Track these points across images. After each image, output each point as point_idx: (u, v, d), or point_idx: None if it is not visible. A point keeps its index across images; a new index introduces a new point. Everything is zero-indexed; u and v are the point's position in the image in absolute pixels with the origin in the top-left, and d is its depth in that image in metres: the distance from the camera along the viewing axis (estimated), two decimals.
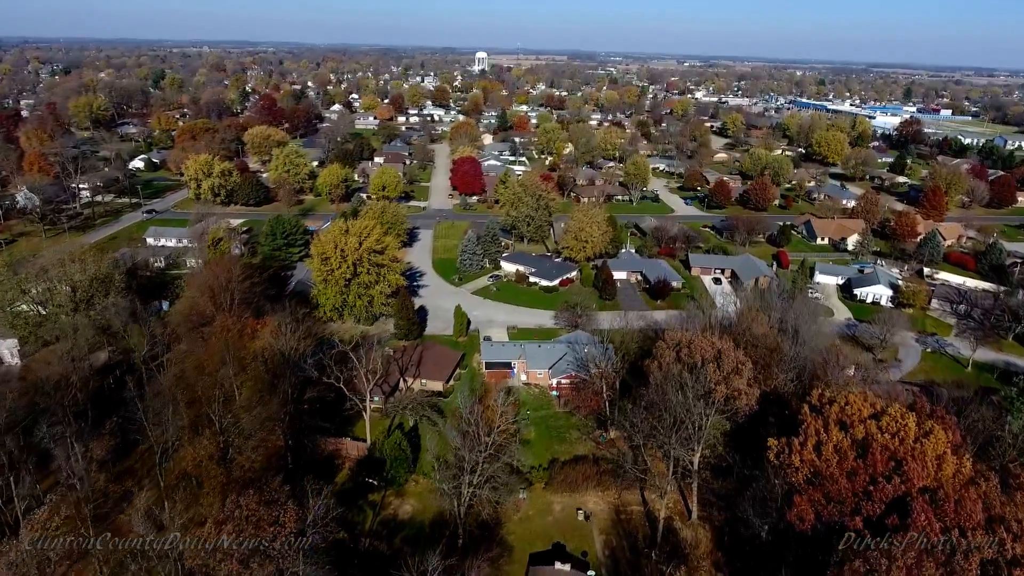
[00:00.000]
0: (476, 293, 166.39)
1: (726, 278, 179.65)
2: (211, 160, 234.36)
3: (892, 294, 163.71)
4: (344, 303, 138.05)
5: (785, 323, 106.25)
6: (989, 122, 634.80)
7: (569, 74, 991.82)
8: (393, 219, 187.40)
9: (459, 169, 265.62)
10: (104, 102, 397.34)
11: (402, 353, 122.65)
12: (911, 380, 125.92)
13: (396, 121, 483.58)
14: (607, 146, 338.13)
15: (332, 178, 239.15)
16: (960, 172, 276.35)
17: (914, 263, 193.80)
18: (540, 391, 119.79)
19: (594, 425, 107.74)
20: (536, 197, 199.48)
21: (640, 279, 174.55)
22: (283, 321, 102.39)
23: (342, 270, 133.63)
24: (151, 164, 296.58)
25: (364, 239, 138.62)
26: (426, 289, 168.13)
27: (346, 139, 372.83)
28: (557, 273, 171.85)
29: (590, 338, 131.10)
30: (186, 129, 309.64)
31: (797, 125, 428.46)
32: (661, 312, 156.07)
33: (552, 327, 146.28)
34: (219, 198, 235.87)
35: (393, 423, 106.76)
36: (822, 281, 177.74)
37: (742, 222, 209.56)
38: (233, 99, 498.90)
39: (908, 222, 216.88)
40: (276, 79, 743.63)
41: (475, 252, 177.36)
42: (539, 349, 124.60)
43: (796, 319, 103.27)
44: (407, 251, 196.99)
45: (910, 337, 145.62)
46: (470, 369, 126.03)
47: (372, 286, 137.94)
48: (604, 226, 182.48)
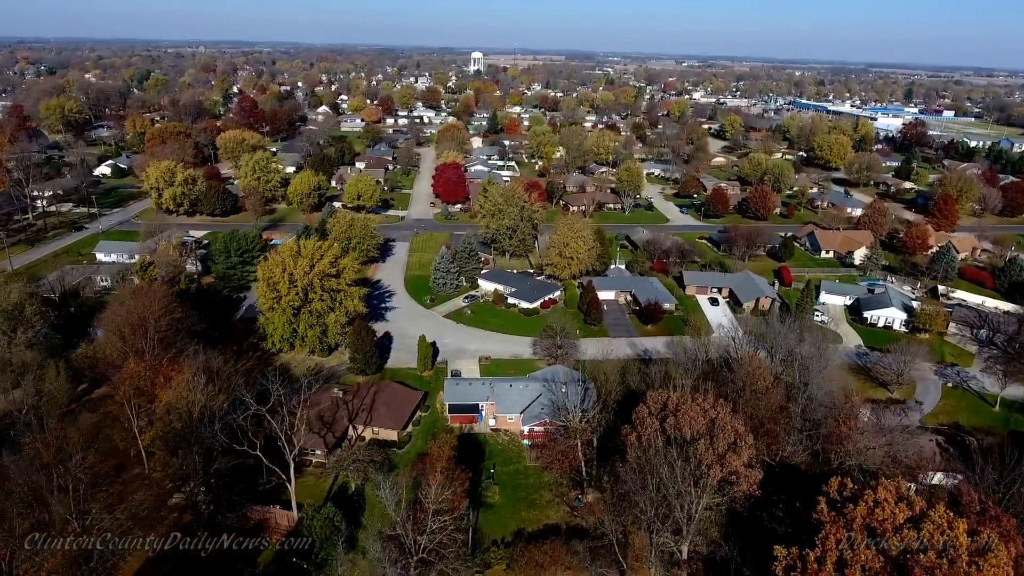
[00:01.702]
0: (449, 316, 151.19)
1: (724, 298, 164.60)
2: (174, 167, 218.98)
3: (906, 317, 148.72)
4: (295, 333, 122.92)
5: (791, 363, 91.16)
6: (993, 123, 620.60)
7: (566, 74, 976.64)
8: (361, 233, 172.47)
9: (442, 176, 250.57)
10: (76, 104, 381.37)
11: (353, 395, 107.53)
12: (934, 425, 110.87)
13: (384, 123, 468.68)
14: (599, 150, 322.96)
15: (303, 186, 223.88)
16: (971, 178, 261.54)
17: (927, 280, 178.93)
18: (510, 439, 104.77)
19: (569, 485, 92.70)
20: (519, 208, 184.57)
21: (630, 299, 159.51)
22: (197, 369, 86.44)
23: (290, 297, 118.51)
24: (118, 170, 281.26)
25: (317, 261, 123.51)
26: (394, 312, 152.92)
27: (329, 142, 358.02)
28: (538, 294, 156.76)
29: (570, 374, 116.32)
30: (156, 133, 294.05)
31: (798, 127, 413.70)
32: (652, 339, 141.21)
33: (530, 357, 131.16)
34: (183, 208, 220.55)
35: (335, 484, 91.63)
36: (828, 302, 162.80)
37: (741, 234, 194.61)
38: (216, 100, 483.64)
39: (919, 234, 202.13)
40: (265, 80, 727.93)
41: (449, 270, 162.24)
42: (510, 389, 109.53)
43: (804, 362, 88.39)
44: (378, 267, 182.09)
45: (928, 368, 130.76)
46: (432, 412, 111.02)
47: (326, 314, 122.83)
48: (591, 241, 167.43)
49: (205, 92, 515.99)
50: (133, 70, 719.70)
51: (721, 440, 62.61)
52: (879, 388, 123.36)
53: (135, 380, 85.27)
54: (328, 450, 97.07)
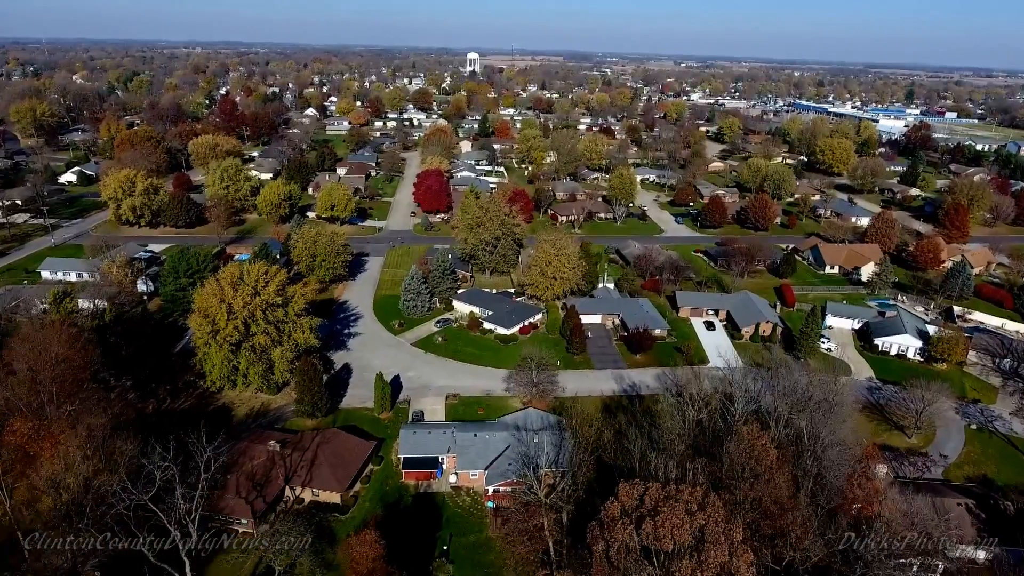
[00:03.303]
0: (418, 344, 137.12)
1: (720, 321, 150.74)
2: (133, 175, 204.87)
3: (921, 345, 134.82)
4: (235, 370, 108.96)
5: (798, 439, 76.63)
6: (997, 125, 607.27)
7: (562, 75, 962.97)
8: (327, 250, 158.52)
9: (423, 183, 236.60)
10: (48, 107, 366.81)
11: (294, 446, 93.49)
12: (960, 482, 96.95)
13: (373, 126, 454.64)
14: (592, 155, 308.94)
15: (272, 196, 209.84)
16: (983, 185, 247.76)
17: (940, 299, 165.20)
18: (472, 500, 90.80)
19: (537, 563, 78.72)
20: (499, 221, 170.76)
21: (618, 323, 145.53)
22: (82, 439, 71.53)
23: (228, 331, 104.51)
24: (84, 177, 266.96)
25: (262, 289, 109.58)
26: (358, 339, 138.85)
27: (312, 146, 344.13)
28: (517, 318, 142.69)
29: (545, 419, 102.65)
30: (125, 138, 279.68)
31: (798, 130, 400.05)
32: (640, 371, 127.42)
33: (502, 395, 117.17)
34: (144, 219, 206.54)
35: (259, 567, 77.61)
36: (835, 325, 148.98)
37: (740, 249, 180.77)
38: (199, 103, 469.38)
39: (930, 248, 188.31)
40: (255, 81, 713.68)
41: (420, 292, 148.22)
42: (475, 439, 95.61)
43: (814, 428, 74.44)
44: (346, 286, 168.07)
45: (948, 406, 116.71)
46: (386, 465, 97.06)
47: (272, 348, 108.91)
48: (576, 259, 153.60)
49: (187, 94, 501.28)
50: (119, 71, 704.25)
51: (712, 555, 49.03)
52: (895, 432, 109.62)
53: (17, 442, 71.14)
54: (256, 518, 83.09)
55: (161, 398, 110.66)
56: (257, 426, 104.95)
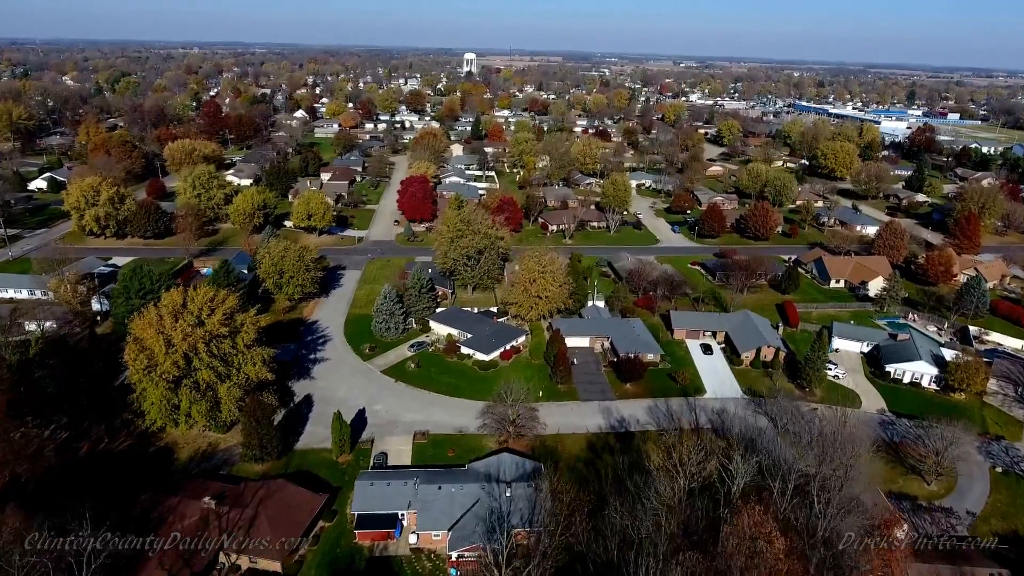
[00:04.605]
0: (389, 371, 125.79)
1: (719, 343, 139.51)
2: (98, 183, 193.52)
3: (937, 372, 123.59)
4: (177, 408, 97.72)
5: (810, 535, 64.83)
6: (1001, 127, 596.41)
7: (560, 76, 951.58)
8: (295, 266, 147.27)
9: (407, 190, 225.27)
10: (24, 110, 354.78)
11: (233, 502, 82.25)
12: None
13: (363, 128, 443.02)
14: (586, 159, 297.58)
15: (245, 204, 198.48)
16: (995, 192, 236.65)
17: (954, 317, 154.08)
18: (434, 566, 79.54)
19: None
20: (482, 235, 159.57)
21: (607, 347, 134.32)
22: None
23: (166, 366, 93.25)
24: (55, 184, 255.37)
25: (206, 318, 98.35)
26: (324, 365, 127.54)
27: (298, 150, 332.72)
28: (497, 342, 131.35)
29: (520, 467, 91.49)
30: (99, 142, 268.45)
31: (799, 133, 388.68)
32: (631, 403, 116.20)
33: (477, 433, 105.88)
34: (109, 230, 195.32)
35: None
36: (842, 348, 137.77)
37: (739, 263, 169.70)
38: (186, 105, 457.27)
39: (942, 260, 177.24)
40: (246, 82, 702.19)
41: (394, 312, 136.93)
42: (439, 494, 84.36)
43: (828, 493, 63.34)
44: (318, 303, 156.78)
45: (970, 444, 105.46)
46: (339, 521, 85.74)
47: (218, 384, 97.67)
48: (562, 276, 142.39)
49: (173, 96, 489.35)
50: (107, 73, 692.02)
51: None
52: (911, 476, 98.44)
53: None
54: None
55: (96, 439, 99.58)
56: (199, 472, 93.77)
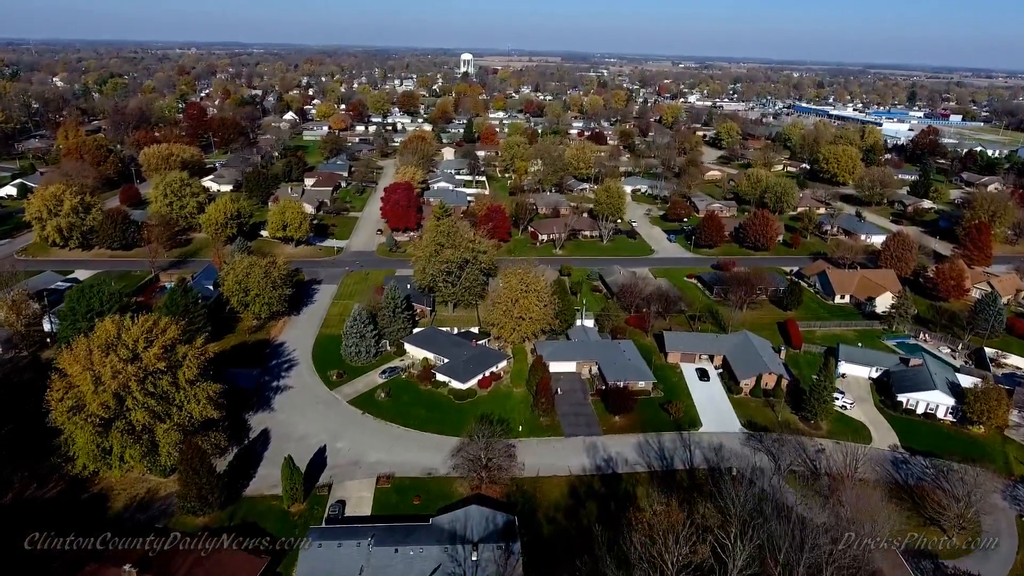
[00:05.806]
0: (356, 402, 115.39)
1: (716, 368, 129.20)
2: (61, 192, 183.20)
3: (954, 403, 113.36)
4: (108, 452, 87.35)
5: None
6: (1004, 128, 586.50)
7: (558, 76, 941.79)
8: (260, 284, 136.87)
9: (390, 197, 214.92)
10: (1, 114, 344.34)
11: (157, 570, 71.88)
12: None
13: (354, 131, 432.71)
14: (579, 163, 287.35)
15: (217, 213, 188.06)
16: (1005, 199, 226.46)
17: (968, 337, 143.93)
18: None
19: None
20: (463, 248, 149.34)
21: (595, 373, 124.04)
22: None
23: (94, 407, 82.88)
24: (25, 191, 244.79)
25: (143, 351, 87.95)
26: (286, 395, 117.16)
27: (284, 154, 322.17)
28: (475, 368, 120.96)
29: (490, 522, 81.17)
30: (72, 147, 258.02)
31: (800, 135, 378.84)
32: (619, 438, 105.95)
33: (448, 475, 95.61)
34: (73, 241, 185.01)
35: None
36: (849, 374, 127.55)
37: (738, 277, 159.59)
38: (172, 107, 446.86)
39: (953, 274, 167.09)
40: (238, 83, 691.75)
41: (364, 335, 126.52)
42: (395, 558, 74.05)
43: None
44: (287, 322, 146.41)
45: (993, 487, 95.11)
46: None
47: (155, 425, 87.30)
48: (548, 295, 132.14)
49: (160, 98, 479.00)
50: (96, 73, 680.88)
51: None
52: (929, 527, 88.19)
53: None
54: None
55: (19, 487, 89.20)
56: (132, 526, 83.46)
